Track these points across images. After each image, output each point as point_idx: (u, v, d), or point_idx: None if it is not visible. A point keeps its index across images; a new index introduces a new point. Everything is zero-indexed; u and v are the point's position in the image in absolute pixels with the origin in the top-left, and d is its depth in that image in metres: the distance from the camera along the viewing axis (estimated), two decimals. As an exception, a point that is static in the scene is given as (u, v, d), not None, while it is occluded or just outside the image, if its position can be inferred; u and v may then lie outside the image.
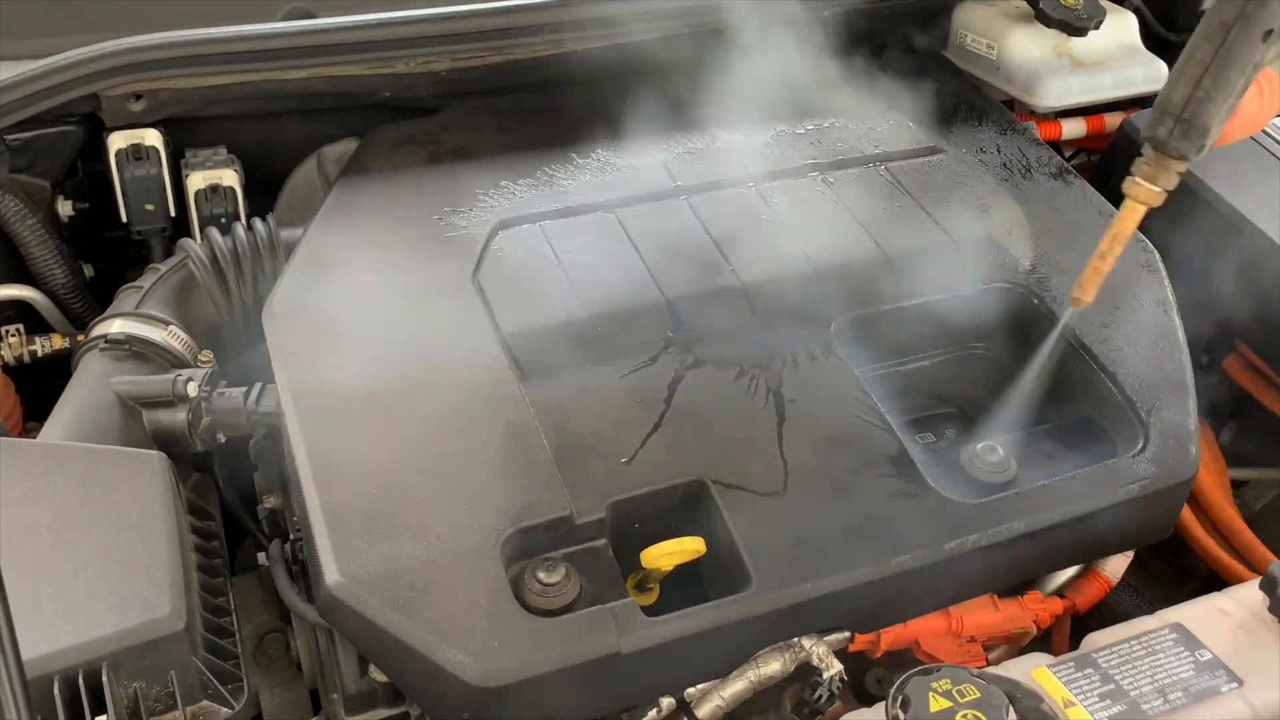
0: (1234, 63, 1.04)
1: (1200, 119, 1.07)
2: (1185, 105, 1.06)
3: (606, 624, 1.06)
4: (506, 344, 1.27)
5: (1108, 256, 1.18)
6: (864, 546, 1.14)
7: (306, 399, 1.20)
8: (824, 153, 1.57)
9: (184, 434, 1.31)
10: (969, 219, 1.48)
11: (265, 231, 1.52)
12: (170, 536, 1.11)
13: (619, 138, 1.58)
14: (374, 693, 1.19)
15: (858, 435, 1.23)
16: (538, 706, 1.07)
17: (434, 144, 1.57)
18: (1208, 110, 1.06)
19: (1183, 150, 1.09)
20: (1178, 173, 1.11)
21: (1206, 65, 1.05)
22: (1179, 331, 1.38)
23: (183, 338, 1.43)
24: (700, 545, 1.12)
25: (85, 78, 1.47)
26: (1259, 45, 1.03)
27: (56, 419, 1.31)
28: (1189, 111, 1.07)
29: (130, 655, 1.02)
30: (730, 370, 1.28)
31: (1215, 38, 1.04)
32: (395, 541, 1.08)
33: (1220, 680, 1.05)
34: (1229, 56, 1.04)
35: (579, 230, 1.42)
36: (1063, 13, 1.73)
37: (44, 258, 1.61)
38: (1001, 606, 1.27)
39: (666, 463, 1.18)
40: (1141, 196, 1.14)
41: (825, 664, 1.13)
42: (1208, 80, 1.05)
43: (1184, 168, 1.10)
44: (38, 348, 1.61)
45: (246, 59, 1.54)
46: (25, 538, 1.08)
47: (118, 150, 1.58)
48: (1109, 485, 1.23)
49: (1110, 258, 1.18)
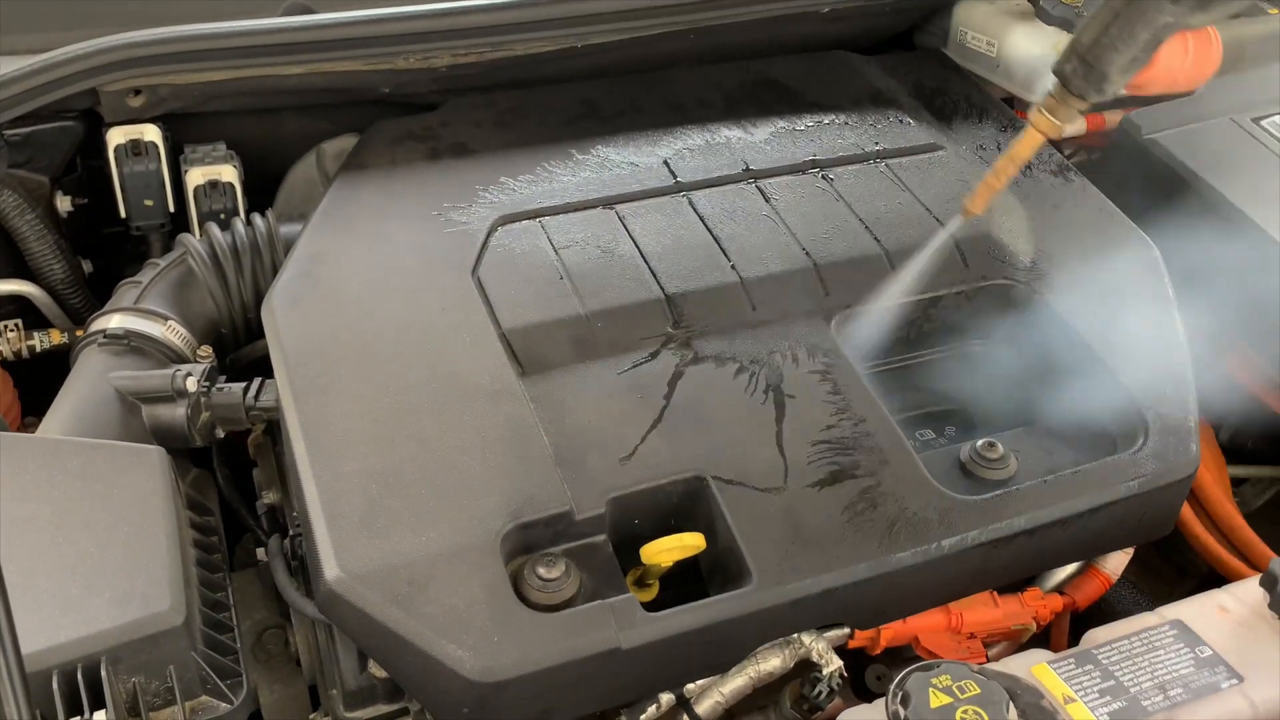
0: (1140, 16, 1.08)
1: (1100, 64, 1.11)
2: (1090, 47, 1.11)
3: (606, 620, 1.06)
4: (506, 339, 1.27)
5: (1001, 175, 1.25)
6: (864, 543, 1.14)
7: (306, 394, 1.20)
8: (824, 149, 1.57)
9: (183, 429, 1.30)
10: (968, 218, 1.47)
11: (264, 227, 1.52)
12: (169, 531, 1.10)
13: (619, 134, 1.58)
14: (373, 688, 1.19)
15: (858, 432, 1.23)
16: (537, 702, 1.07)
17: (433, 140, 1.57)
18: (1109, 57, 1.10)
19: (1082, 90, 1.14)
20: (1078, 110, 1.16)
21: (1116, 14, 1.09)
22: (1179, 328, 1.38)
23: (182, 333, 1.43)
24: (700, 541, 1.12)
25: (84, 73, 1.47)
26: (1166, 4, 1.07)
27: (55, 414, 1.30)
28: (1092, 55, 1.11)
29: (129, 650, 1.02)
30: (730, 366, 1.28)
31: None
32: (395, 537, 1.08)
33: (1220, 677, 1.05)
34: (1137, 9, 1.08)
35: (579, 226, 1.42)
36: (1063, 10, 1.72)
37: (43, 253, 1.61)
38: (1001, 603, 1.28)
39: (666, 459, 1.18)
40: (1041, 125, 1.20)
41: (825, 660, 1.13)
42: (1114, 28, 1.09)
43: (1084, 106, 1.15)
44: (36, 343, 1.61)
45: (246, 54, 1.54)
46: (24, 532, 1.08)
47: (117, 146, 1.57)
48: (1109, 482, 1.23)
49: (1004, 176, 1.25)
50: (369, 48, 1.57)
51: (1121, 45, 1.09)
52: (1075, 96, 1.15)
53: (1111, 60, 1.11)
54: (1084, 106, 1.16)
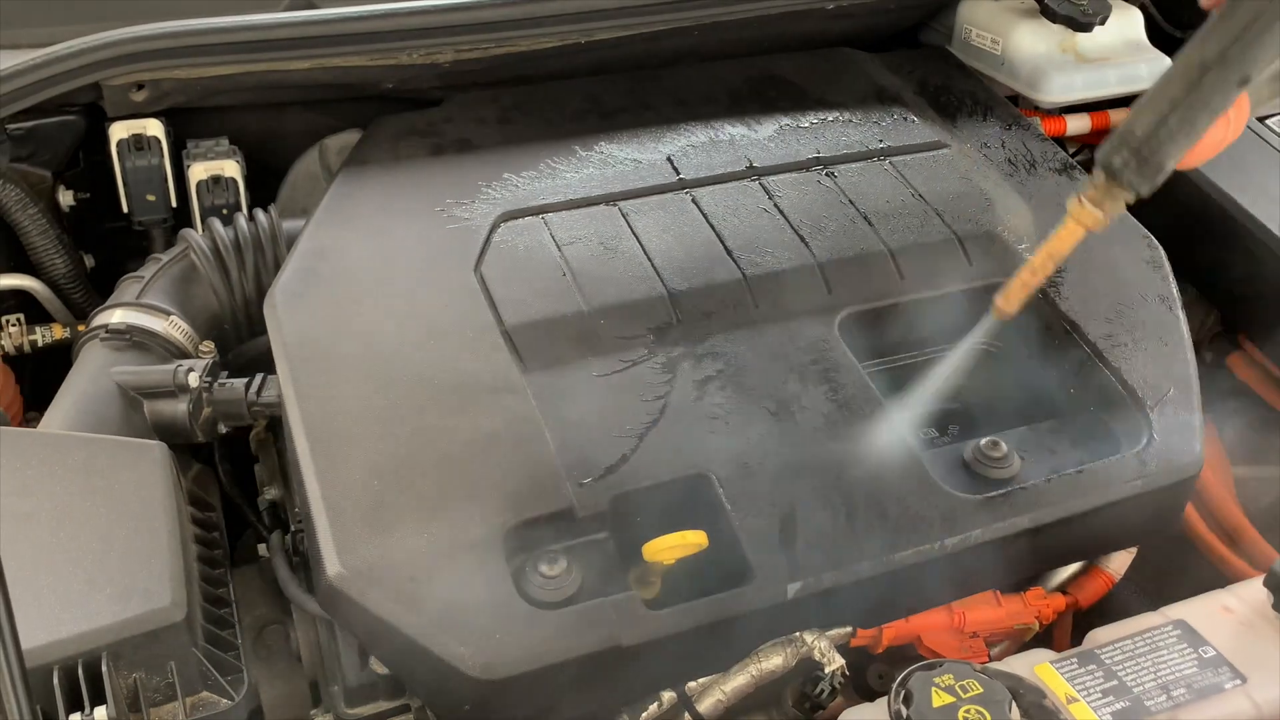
0: (1205, 106, 0.97)
1: (1158, 156, 0.99)
2: (1146, 140, 1.00)
3: (608, 617, 1.06)
4: (509, 336, 1.27)
5: (1039, 273, 1.12)
6: (867, 541, 1.14)
7: (308, 390, 1.20)
8: (828, 146, 1.57)
9: (185, 424, 1.30)
10: (972, 214, 1.47)
11: (267, 222, 1.52)
12: (171, 527, 1.10)
13: (622, 130, 1.58)
14: (374, 685, 1.18)
15: (861, 430, 1.22)
16: (538, 699, 1.07)
17: (437, 136, 1.57)
18: (1168, 149, 0.99)
19: (1135, 184, 1.02)
20: (1126, 201, 1.05)
21: (1176, 103, 0.97)
22: (1183, 327, 1.38)
23: (184, 328, 1.42)
24: (702, 539, 1.12)
25: (87, 67, 1.46)
26: (1233, 91, 0.97)
27: (57, 409, 1.30)
28: (1148, 147, 0.99)
29: (130, 646, 1.02)
30: (733, 364, 1.28)
31: (1190, 76, 0.97)
32: (397, 533, 1.08)
33: (1223, 677, 1.05)
34: (1201, 99, 0.97)
35: (582, 222, 1.42)
36: (1068, 8, 1.72)
37: (45, 247, 1.60)
38: (1004, 602, 1.27)
39: (669, 456, 1.18)
40: (1085, 220, 1.07)
41: (827, 659, 1.13)
42: (1174, 119, 0.98)
43: (1132, 198, 1.04)
44: (38, 337, 1.61)
45: (249, 49, 1.53)
46: (25, 527, 1.07)
47: (119, 140, 1.57)
48: (1113, 481, 1.22)
49: (1042, 274, 1.13)
50: (373, 43, 1.57)
51: (1182, 137, 0.98)
52: (1125, 189, 1.03)
53: (1170, 153, 0.99)
54: (1132, 198, 1.04)
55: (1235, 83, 0.95)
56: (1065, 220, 1.08)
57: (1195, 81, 0.96)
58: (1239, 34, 0.94)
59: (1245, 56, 0.94)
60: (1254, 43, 0.94)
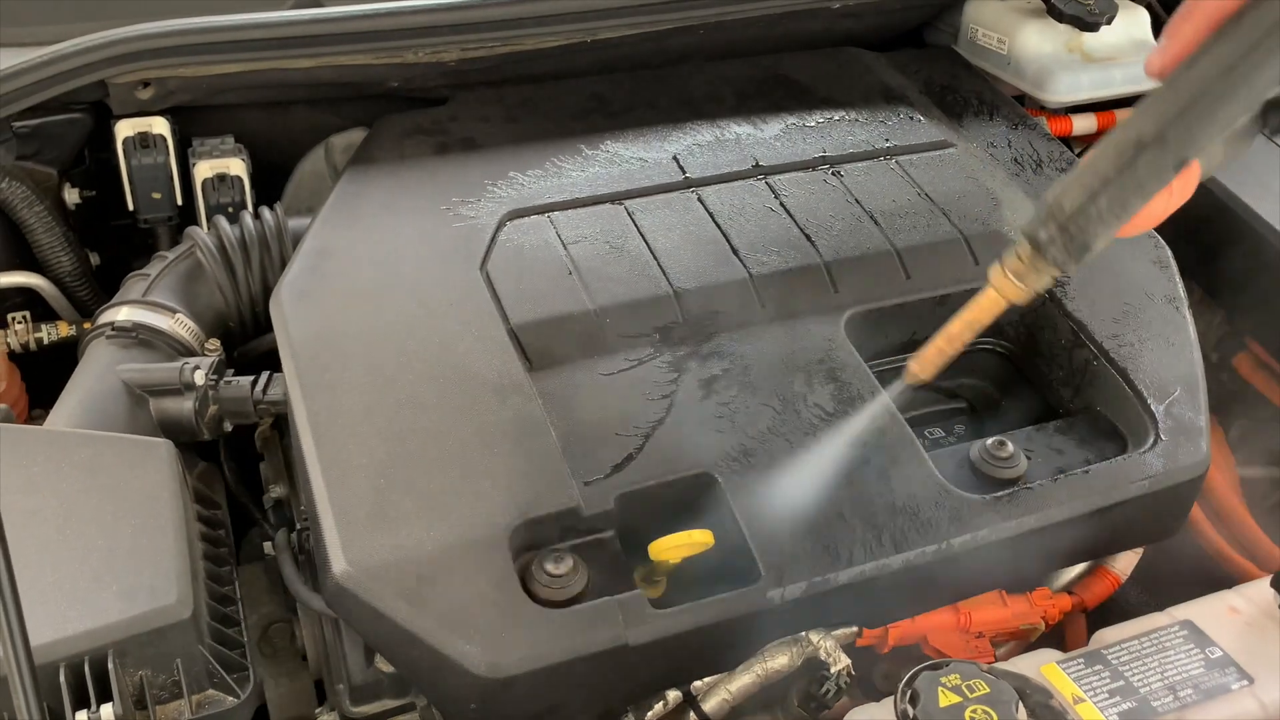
0: (1139, 188, 0.87)
1: (1085, 235, 0.89)
2: (1074, 217, 0.89)
3: (614, 616, 1.06)
4: (515, 334, 1.27)
5: (955, 341, 1.03)
6: (873, 541, 1.13)
7: (314, 388, 1.20)
8: (834, 145, 1.57)
9: (191, 422, 1.30)
10: (979, 213, 1.47)
11: (273, 220, 1.52)
12: (177, 525, 1.10)
13: (628, 129, 1.58)
14: (380, 683, 1.19)
15: (868, 429, 1.22)
16: (544, 698, 1.07)
17: (442, 134, 1.57)
18: (1096, 229, 0.89)
19: (1060, 261, 0.92)
20: (1052, 279, 0.95)
21: (1108, 182, 0.87)
22: (1190, 328, 1.38)
23: (190, 326, 1.42)
24: (708, 538, 1.12)
25: (93, 65, 1.47)
26: (1170, 173, 0.86)
27: (63, 406, 1.30)
28: (1075, 225, 0.89)
29: (136, 643, 1.02)
30: (739, 363, 1.28)
31: (1124, 154, 0.86)
32: (403, 531, 1.08)
33: (1230, 678, 1.05)
34: (1134, 180, 0.87)
35: (588, 221, 1.41)
36: (1075, 8, 1.72)
37: (51, 245, 1.61)
38: (1010, 602, 1.27)
39: (675, 455, 1.18)
40: (1006, 291, 0.96)
41: (833, 658, 1.13)
42: (1104, 199, 0.88)
43: (1059, 274, 0.94)
44: (44, 335, 1.61)
45: (255, 48, 1.53)
46: (31, 524, 1.08)
47: (125, 138, 1.57)
48: (1119, 481, 1.22)
49: (959, 343, 1.03)
50: (378, 41, 1.57)
51: (1111, 218, 0.88)
52: (1050, 265, 0.93)
53: (1098, 233, 0.89)
54: (1058, 274, 0.94)
55: (1172, 165, 0.86)
56: (985, 288, 0.98)
57: (1130, 161, 0.86)
58: (1180, 112, 0.84)
59: (1186, 138, 0.84)
60: (1196, 124, 0.83)
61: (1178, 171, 0.85)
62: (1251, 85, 0.80)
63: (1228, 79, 0.80)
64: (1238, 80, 0.80)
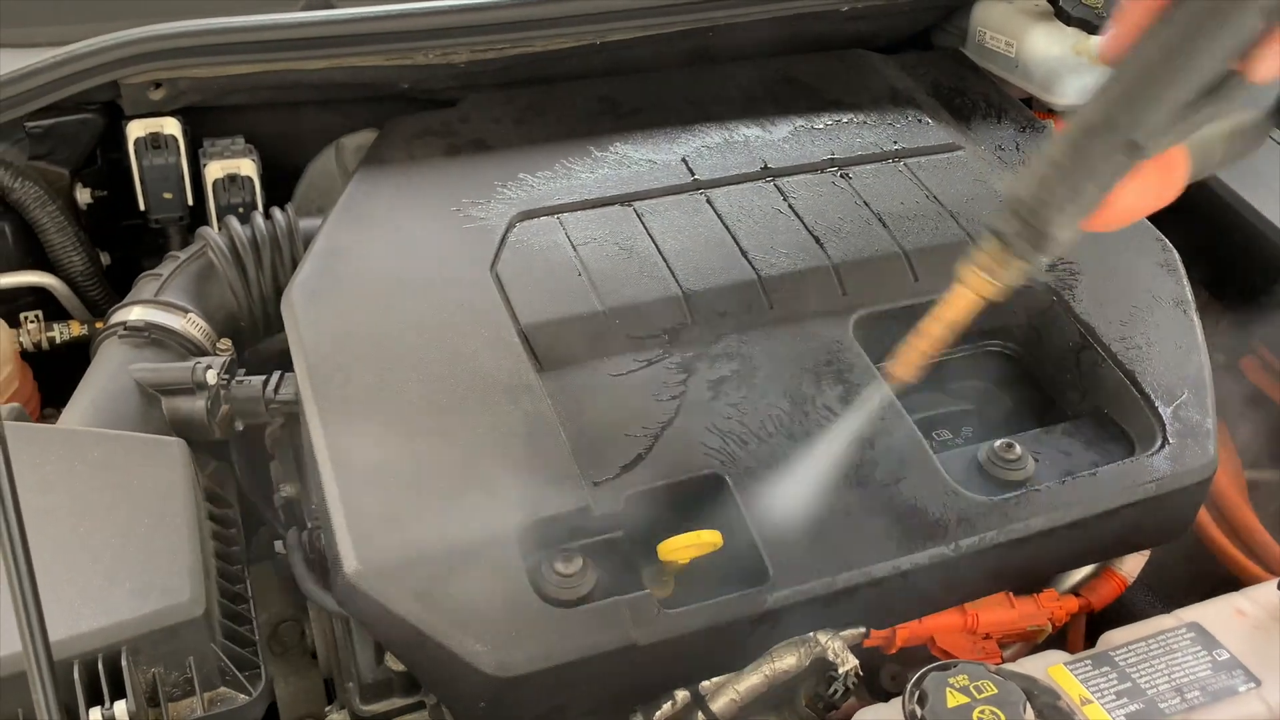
0: (1091, 174, 0.87)
1: (1042, 224, 0.89)
2: (1033, 208, 0.89)
3: (623, 616, 1.06)
4: (525, 335, 1.28)
5: (927, 339, 1.02)
6: (881, 542, 1.14)
7: (325, 388, 1.21)
8: (842, 148, 1.57)
9: (203, 421, 1.31)
10: (985, 216, 1.47)
11: (284, 221, 1.53)
12: (189, 523, 1.11)
13: (637, 131, 1.58)
14: (390, 681, 1.19)
15: (876, 431, 1.23)
16: (553, 697, 1.07)
17: (452, 136, 1.57)
18: (1053, 217, 0.89)
19: (1023, 252, 0.91)
20: (1021, 273, 0.94)
21: (1062, 170, 0.87)
22: (1198, 331, 1.38)
23: (201, 326, 1.43)
24: (717, 539, 1.12)
25: (105, 65, 1.47)
26: (1120, 158, 0.86)
27: (75, 405, 1.31)
28: (1036, 217, 0.89)
29: (149, 641, 1.03)
30: (747, 364, 1.28)
31: (1075, 141, 0.87)
32: (413, 531, 1.09)
33: (1238, 680, 1.05)
34: (1086, 166, 0.87)
35: (597, 223, 1.42)
36: (1083, 11, 1.72)
37: (63, 245, 1.62)
38: (1017, 604, 1.28)
39: (684, 456, 1.18)
40: (976, 286, 0.96)
41: (840, 659, 1.13)
42: (1060, 187, 0.88)
43: (1028, 267, 0.94)
44: (56, 334, 1.62)
45: (266, 49, 1.54)
46: (45, 523, 1.08)
47: (136, 139, 1.58)
48: (1126, 484, 1.22)
49: (931, 341, 1.02)
50: (389, 43, 1.58)
51: (1068, 205, 0.88)
52: (1018, 258, 0.93)
53: (1055, 221, 0.89)
54: (1027, 268, 0.93)
55: (1122, 149, 0.85)
56: (956, 286, 0.98)
57: (1080, 147, 0.86)
58: (1125, 95, 0.84)
59: (1131, 120, 0.84)
60: (1140, 106, 0.83)
61: (1131, 156, 0.85)
62: (1192, 66, 0.81)
63: (1170, 61, 0.81)
64: (1179, 62, 0.81)
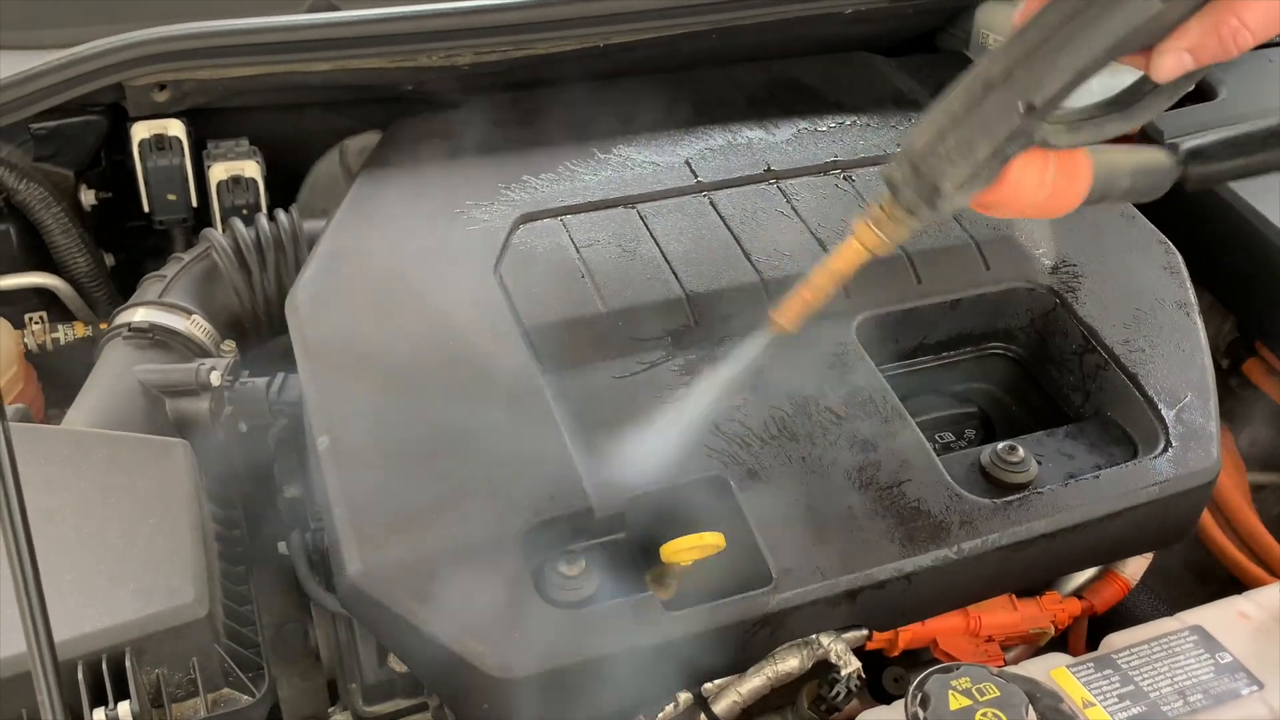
0: (985, 129, 0.86)
1: (931, 174, 0.88)
2: (923, 156, 0.89)
3: (626, 618, 1.07)
4: (528, 337, 1.28)
5: (819, 292, 1.00)
6: (884, 544, 1.14)
7: (328, 389, 1.21)
8: (845, 150, 1.57)
9: (206, 423, 1.31)
10: (990, 218, 1.47)
11: (288, 223, 1.53)
12: (193, 524, 1.11)
13: (640, 133, 1.59)
14: (393, 683, 1.19)
15: (879, 434, 1.23)
16: (556, 698, 1.07)
17: (456, 138, 1.58)
18: (942, 169, 0.88)
19: (911, 204, 0.91)
20: (910, 229, 0.93)
21: (957, 121, 0.87)
22: (1201, 333, 1.38)
23: (205, 327, 1.44)
24: (720, 540, 1.12)
25: (110, 68, 1.48)
26: (1016, 117, 0.85)
27: (80, 406, 1.32)
28: (925, 164, 0.89)
29: (153, 641, 1.03)
30: (750, 366, 1.28)
31: (973, 93, 0.87)
32: (416, 532, 1.09)
33: (1241, 683, 1.05)
34: (981, 120, 0.86)
35: (600, 225, 1.42)
36: (1086, 13, 1.72)
37: (67, 246, 1.62)
38: (1020, 607, 1.27)
39: (687, 458, 1.18)
40: (866, 239, 0.95)
41: (843, 661, 1.13)
42: (951, 138, 0.87)
43: (916, 224, 0.92)
44: (60, 335, 1.63)
45: (270, 51, 1.55)
46: (49, 524, 1.08)
47: (141, 140, 1.59)
48: (1129, 487, 1.22)
49: (819, 292, 1.00)
50: (393, 45, 1.58)
51: (958, 158, 0.87)
52: (906, 211, 0.92)
53: (945, 173, 0.88)
54: (916, 224, 0.92)
55: (1019, 107, 0.85)
56: (849, 239, 0.97)
57: (977, 100, 0.86)
58: (1026, 55, 0.84)
59: (1031, 81, 0.84)
60: (1041, 67, 0.84)
61: (1029, 118, 0.85)
62: (1092, 34, 0.82)
63: (1069, 26, 0.83)
64: (1078, 28, 0.82)
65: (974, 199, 0.90)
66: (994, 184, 0.89)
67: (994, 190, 0.89)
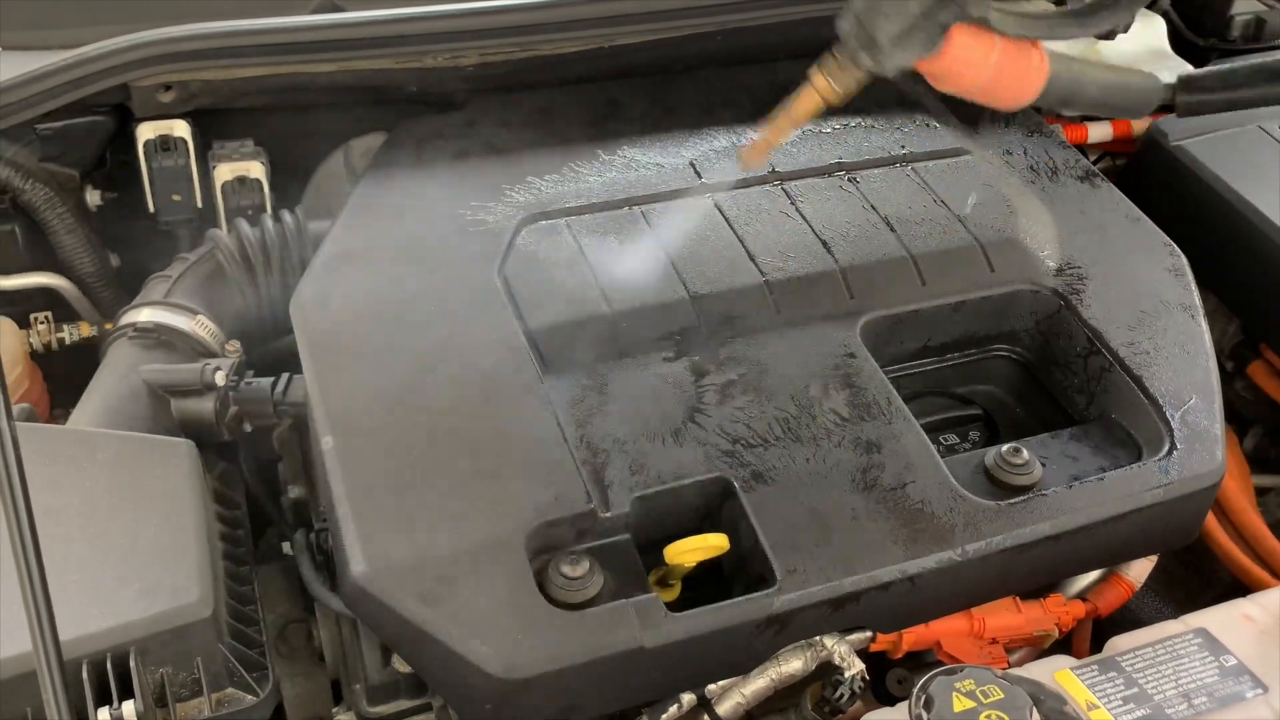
0: None
1: (870, 26, 0.97)
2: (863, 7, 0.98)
3: (629, 619, 1.06)
4: (532, 338, 1.28)
5: (777, 132, 1.15)
6: (888, 546, 1.14)
7: (333, 390, 1.21)
8: (849, 152, 1.57)
9: (211, 423, 1.31)
10: (995, 220, 1.48)
11: (293, 223, 1.53)
12: (198, 524, 1.11)
13: (645, 134, 1.59)
14: (397, 683, 1.19)
15: (883, 435, 1.23)
16: (559, 699, 1.07)
17: (460, 139, 1.58)
18: (877, 22, 0.96)
19: (854, 54, 1.00)
20: (856, 79, 1.03)
21: None
22: (1205, 336, 1.38)
23: (210, 327, 1.44)
24: (723, 542, 1.12)
25: (116, 68, 1.48)
26: None
27: (85, 406, 1.32)
28: (864, 15, 0.98)
29: (157, 641, 1.03)
30: (754, 368, 1.28)
31: None
32: (420, 533, 1.09)
33: (1245, 686, 1.05)
34: None
35: (605, 226, 1.42)
36: (1091, 15, 1.72)
37: (72, 246, 1.62)
38: (1024, 609, 1.27)
39: (690, 459, 1.18)
40: (819, 86, 1.08)
41: (847, 663, 1.13)
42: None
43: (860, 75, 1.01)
44: (65, 335, 1.63)
45: (276, 52, 1.55)
46: (54, 523, 1.09)
47: (146, 141, 1.58)
48: (1134, 489, 1.22)
49: (779, 133, 1.15)
50: (398, 46, 1.58)
51: (892, 12, 0.94)
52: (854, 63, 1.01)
53: (880, 26, 0.96)
54: (860, 76, 1.01)
55: None
56: (805, 86, 1.10)
57: None
58: None
59: None
60: None
61: None
62: None
63: None
64: None
65: (919, 64, 0.98)
66: (938, 54, 0.96)
67: (937, 59, 0.97)
